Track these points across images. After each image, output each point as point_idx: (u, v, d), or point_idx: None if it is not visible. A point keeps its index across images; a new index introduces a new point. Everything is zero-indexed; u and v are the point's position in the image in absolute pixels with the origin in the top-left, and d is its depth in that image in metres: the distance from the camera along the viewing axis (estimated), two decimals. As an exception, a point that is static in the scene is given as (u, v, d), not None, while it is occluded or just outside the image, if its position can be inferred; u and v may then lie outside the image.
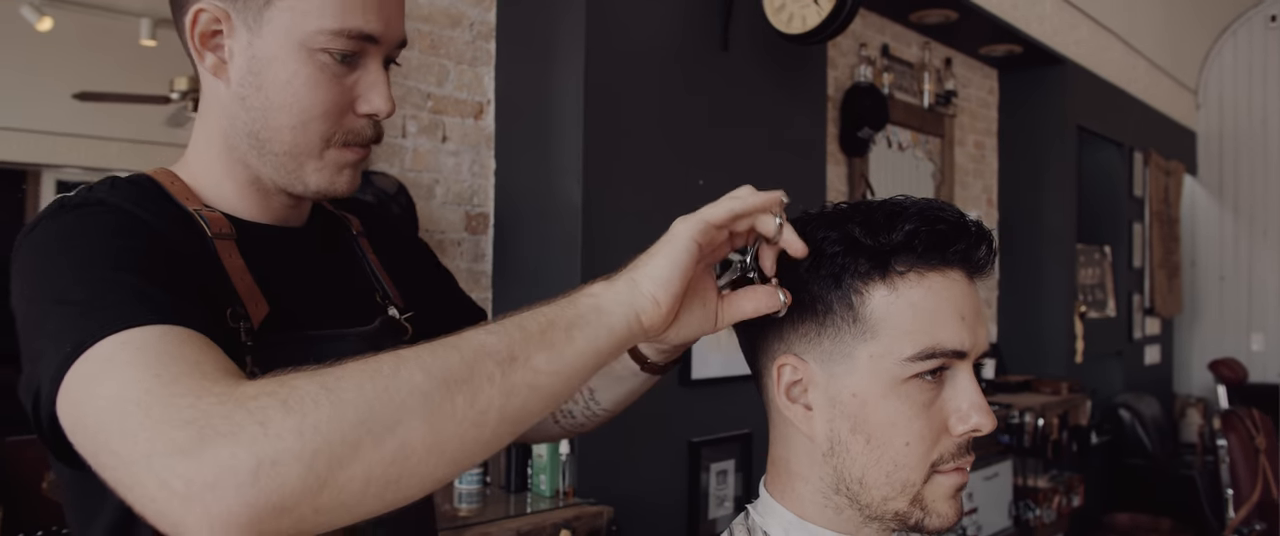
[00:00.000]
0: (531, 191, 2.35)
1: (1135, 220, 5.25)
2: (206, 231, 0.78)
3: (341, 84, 0.79)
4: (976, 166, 4.49)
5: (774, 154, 2.72)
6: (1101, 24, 4.75)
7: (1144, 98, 5.36)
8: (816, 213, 0.74)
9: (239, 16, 0.77)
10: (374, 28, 0.78)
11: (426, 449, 0.57)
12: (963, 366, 0.70)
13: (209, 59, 0.79)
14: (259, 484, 0.52)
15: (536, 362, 0.61)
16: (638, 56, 2.34)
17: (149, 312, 0.62)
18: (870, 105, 3.54)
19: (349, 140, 0.81)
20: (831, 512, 0.74)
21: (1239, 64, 6.18)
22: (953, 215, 0.70)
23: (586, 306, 0.64)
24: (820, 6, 2.30)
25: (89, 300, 0.63)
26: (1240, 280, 6.09)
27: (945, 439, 0.70)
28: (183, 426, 0.54)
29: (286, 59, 0.77)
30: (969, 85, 4.41)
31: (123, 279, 0.65)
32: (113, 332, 0.60)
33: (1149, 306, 5.43)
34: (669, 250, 0.65)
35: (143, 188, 0.79)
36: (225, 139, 0.82)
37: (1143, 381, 5.38)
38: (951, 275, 0.70)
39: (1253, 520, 3.15)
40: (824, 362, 0.71)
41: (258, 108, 0.78)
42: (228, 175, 0.83)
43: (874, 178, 3.71)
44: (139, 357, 0.59)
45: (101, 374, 0.59)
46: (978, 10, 3.65)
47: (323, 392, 0.55)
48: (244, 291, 0.77)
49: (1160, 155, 5.47)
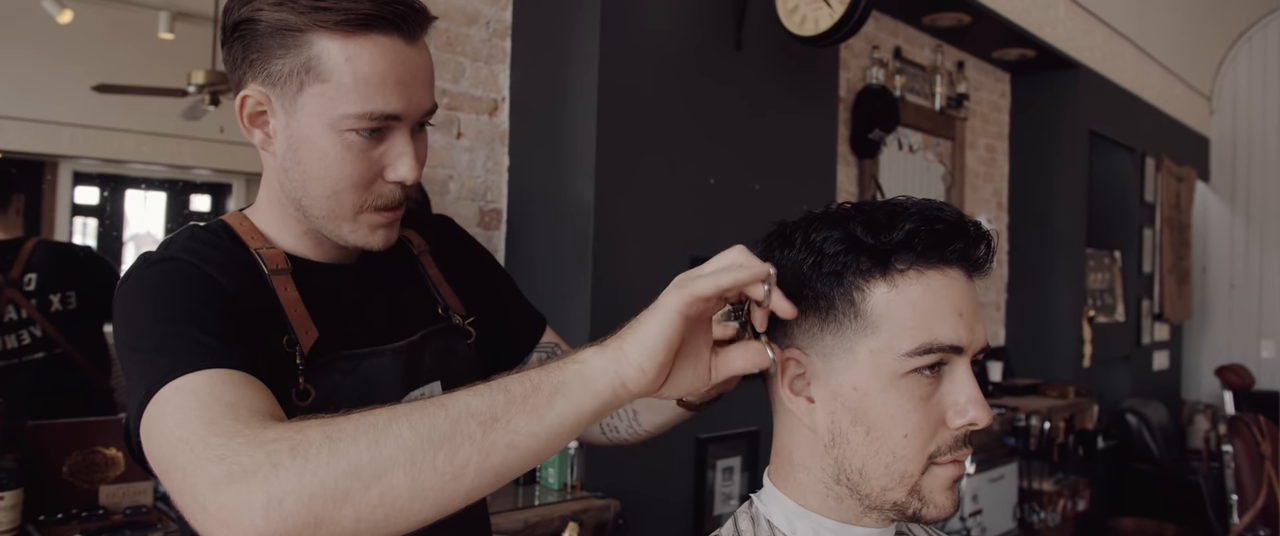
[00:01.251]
0: (544, 189, 2.37)
1: (1146, 225, 5.24)
2: (264, 268, 0.91)
3: (369, 157, 0.89)
4: (987, 170, 4.50)
5: (785, 155, 2.74)
6: (1115, 29, 4.75)
7: (1157, 103, 5.35)
8: (820, 212, 0.76)
9: (278, 101, 0.88)
10: (395, 108, 0.87)
11: (409, 496, 0.66)
12: (960, 361, 0.73)
13: (257, 135, 0.91)
14: (269, 517, 0.64)
15: (516, 425, 0.67)
16: (651, 56, 2.36)
17: (201, 359, 0.75)
18: (881, 107, 3.56)
19: (379, 205, 0.91)
20: (832, 502, 0.76)
21: (1254, 70, 6.16)
22: (951, 215, 0.72)
23: (571, 373, 0.69)
24: (832, 9, 2.32)
25: (158, 348, 0.78)
26: (1251, 287, 6.08)
27: (943, 432, 0.73)
28: (216, 462, 0.66)
29: (318, 138, 0.87)
30: (981, 88, 4.42)
31: (183, 331, 0.79)
32: (173, 378, 0.74)
33: (1158, 312, 5.43)
34: (655, 320, 0.69)
35: (215, 232, 0.93)
36: (280, 199, 0.94)
37: (1151, 387, 5.37)
38: (950, 273, 0.73)
39: (1257, 526, 3.16)
40: (826, 357, 0.74)
41: (298, 179, 0.90)
42: (286, 224, 0.95)
43: (884, 179, 3.73)
44: (190, 400, 0.72)
45: (162, 415, 0.73)
46: (991, 14, 3.66)
47: (326, 442, 0.65)
48: (296, 320, 0.89)
49: (1172, 161, 5.46)
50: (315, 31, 0.84)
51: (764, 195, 2.64)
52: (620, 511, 2.12)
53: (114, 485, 1.79)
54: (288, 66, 0.86)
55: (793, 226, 0.77)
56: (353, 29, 0.84)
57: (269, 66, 0.87)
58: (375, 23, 0.85)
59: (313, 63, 0.85)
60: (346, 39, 0.84)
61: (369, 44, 0.85)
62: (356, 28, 0.84)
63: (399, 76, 0.87)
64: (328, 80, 0.85)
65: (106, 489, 1.79)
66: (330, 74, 0.85)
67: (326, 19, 0.84)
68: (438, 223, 1.16)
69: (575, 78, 2.28)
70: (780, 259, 0.76)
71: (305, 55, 0.85)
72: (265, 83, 0.87)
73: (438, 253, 1.09)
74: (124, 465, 1.80)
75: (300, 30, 0.85)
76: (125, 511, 1.78)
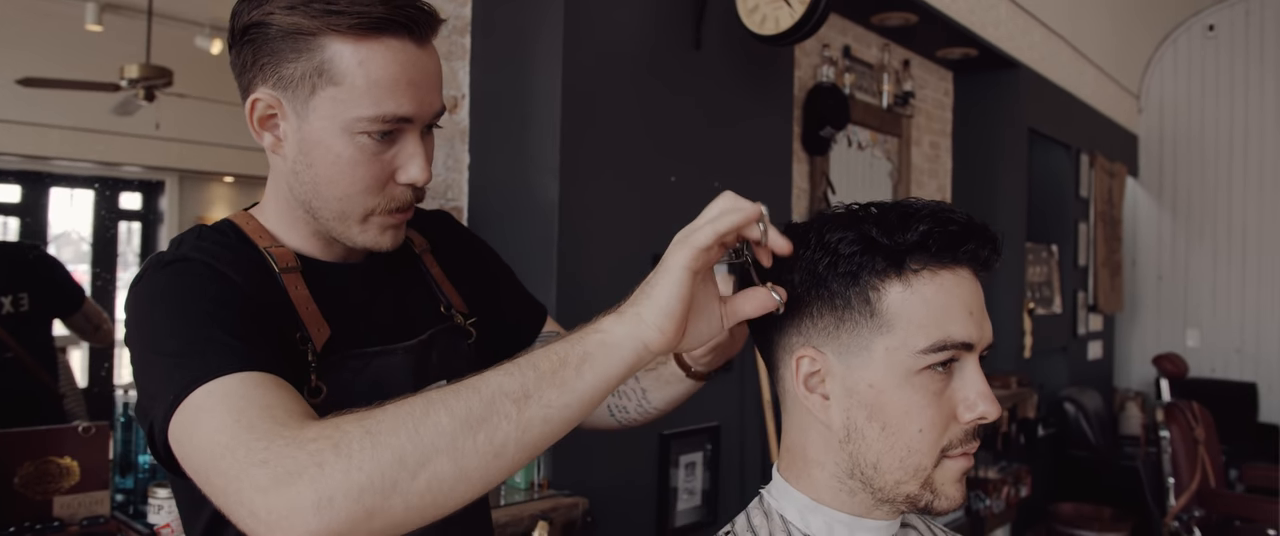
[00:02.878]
0: (506, 186, 2.36)
1: (1081, 220, 5.42)
2: (275, 267, 0.91)
3: (381, 159, 0.90)
4: (932, 166, 4.60)
5: (743, 152, 2.76)
6: (1052, 29, 4.90)
7: (1090, 102, 5.54)
8: (831, 214, 0.78)
9: (289, 104, 0.88)
10: (407, 110, 0.88)
11: (455, 479, 0.68)
12: (970, 358, 0.75)
13: (267, 138, 0.91)
14: (321, 515, 0.65)
15: (548, 398, 0.70)
16: (614, 54, 2.36)
17: (230, 362, 0.76)
18: (832, 105, 3.61)
19: (390, 207, 0.92)
20: (846, 496, 0.78)
21: (1179, 70, 6.41)
22: (962, 216, 0.75)
23: (594, 343, 0.72)
24: (793, 8, 2.35)
25: (182, 351, 0.78)
26: (1178, 279, 6.33)
27: (954, 426, 0.75)
28: (259, 466, 0.67)
29: (331, 142, 0.88)
30: (925, 87, 4.52)
31: (206, 333, 0.79)
32: (203, 383, 0.74)
33: (1092, 303, 5.62)
34: (667, 281, 0.72)
35: (223, 232, 0.93)
36: (288, 200, 0.94)
37: (1086, 376, 5.56)
38: (960, 273, 0.75)
39: (1192, 507, 3.30)
40: (842, 355, 0.76)
41: (309, 181, 0.90)
42: (294, 225, 0.96)
43: (834, 176, 3.79)
44: (223, 404, 0.73)
45: (197, 420, 0.73)
46: (937, 14, 3.74)
47: (366, 437, 0.67)
48: (308, 318, 0.90)
49: (1105, 157, 5.65)
50: (328, 35, 0.85)
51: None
52: (589, 509, 2.12)
53: (69, 495, 1.73)
54: (300, 70, 0.86)
55: (805, 227, 0.78)
56: (365, 32, 0.85)
57: (280, 70, 0.87)
58: (387, 26, 0.85)
59: (325, 66, 0.85)
60: (359, 42, 0.85)
61: (381, 47, 0.86)
62: (369, 31, 0.85)
63: (411, 78, 0.87)
64: (341, 83, 0.85)
65: (61, 499, 1.73)
66: (343, 77, 0.85)
67: (340, 23, 0.84)
68: (437, 220, 1.16)
69: (538, 74, 2.27)
70: (794, 259, 0.77)
71: (318, 59, 0.85)
72: (276, 86, 0.88)
73: (439, 251, 1.10)
74: (79, 474, 1.74)
75: (313, 34, 0.85)
76: (82, 522, 1.72)
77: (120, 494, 1.84)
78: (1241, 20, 6.15)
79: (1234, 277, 6.12)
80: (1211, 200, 6.21)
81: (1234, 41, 6.18)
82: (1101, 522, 4.36)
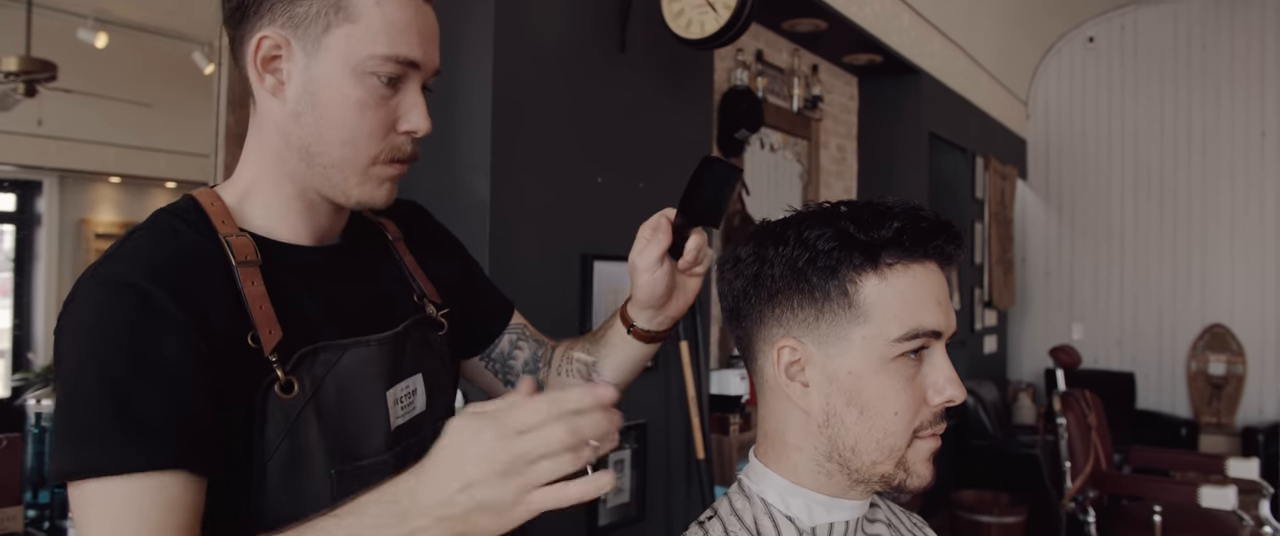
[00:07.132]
0: (434, 185, 2.34)
1: (977, 220, 5.68)
2: (232, 260, 0.87)
3: (386, 106, 0.90)
4: (839, 168, 4.75)
5: (665, 153, 2.81)
6: (950, 38, 5.13)
7: (984, 107, 5.82)
8: (808, 212, 0.82)
9: (298, 43, 0.88)
10: (417, 55, 0.90)
11: None
12: (938, 345, 0.81)
13: (268, 80, 0.90)
14: None
15: None
16: (542, 54, 2.37)
17: (133, 455, 0.76)
18: (747, 108, 3.70)
19: (392, 157, 0.92)
20: (823, 478, 0.83)
21: (1062, 78, 6.79)
22: (930, 214, 0.80)
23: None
24: (718, 14, 2.41)
25: (90, 423, 0.76)
26: (1063, 276, 6.70)
27: (924, 409, 0.80)
28: None
29: (340, 82, 0.88)
30: (832, 91, 4.66)
31: (121, 403, 0.77)
32: (99, 476, 0.75)
33: (988, 299, 5.90)
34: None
35: (183, 215, 0.89)
36: (277, 154, 0.92)
37: (983, 369, 5.84)
38: (929, 266, 0.81)
39: (1087, 488, 3.51)
40: (821, 344, 0.80)
41: (311, 124, 0.89)
42: (275, 190, 0.93)
43: (746, 178, 3.88)
44: (108, 516, 0.75)
45: (87, 512, 0.75)
46: (844, 21, 3.87)
47: None
48: (260, 320, 0.86)
49: (998, 160, 5.94)
50: None
51: (648, 194, 2.70)
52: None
53: (-22, 511, 1.65)
54: (316, 8, 0.87)
55: (783, 224, 0.82)
56: None
57: (294, 8, 0.87)
58: None
59: (343, 4, 0.87)
60: None
61: None
62: None
63: (420, 28, 0.90)
64: (357, 21, 0.87)
65: (-31, 516, 1.64)
66: (360, 15, 0.87)
67: None
68: (409, 210, 1.16)
69: (468, 73, 2.26)
70: (773, 255, 0.81)
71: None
72: (286, 25, 0.88)
73: (411, 240, 1.10)
74: (-11, 489, 1.66)
75: None
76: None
77: (33, 509, 1.75)
78: (1118, 33, 6.56)
79: (1114, 274, 6.52)
80: (1093, 201, 6.61)
81: (1112, 52, 6.59)
82: (1000, 508, 4.58)
